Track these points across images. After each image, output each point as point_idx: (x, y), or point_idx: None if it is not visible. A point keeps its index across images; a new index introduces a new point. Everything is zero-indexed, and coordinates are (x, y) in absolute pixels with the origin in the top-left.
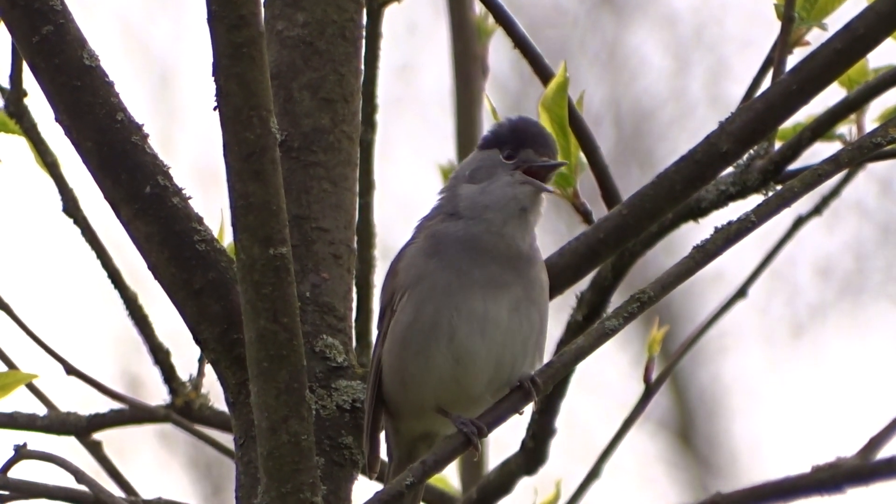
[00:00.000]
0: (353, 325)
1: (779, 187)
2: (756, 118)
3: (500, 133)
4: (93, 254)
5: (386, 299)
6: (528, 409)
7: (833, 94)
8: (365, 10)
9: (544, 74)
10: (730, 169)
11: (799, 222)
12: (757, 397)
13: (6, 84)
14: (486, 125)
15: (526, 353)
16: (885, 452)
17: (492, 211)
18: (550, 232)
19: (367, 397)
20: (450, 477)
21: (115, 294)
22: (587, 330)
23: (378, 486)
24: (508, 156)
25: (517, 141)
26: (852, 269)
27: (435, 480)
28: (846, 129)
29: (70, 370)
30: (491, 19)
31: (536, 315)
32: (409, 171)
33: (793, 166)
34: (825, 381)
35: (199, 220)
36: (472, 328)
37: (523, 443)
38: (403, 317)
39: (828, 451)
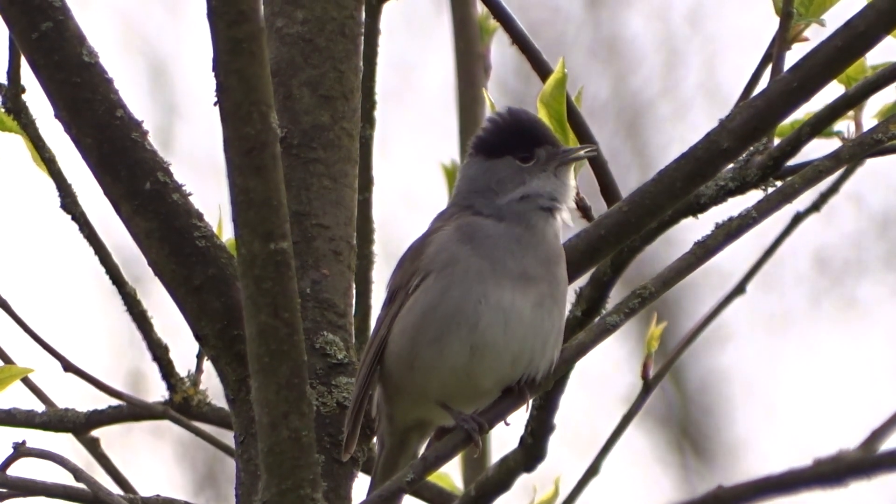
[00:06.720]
0: (353, 321)
1: (778, 183)
2: (756, 115)
3: (501, 137)
4: (91, 250)
5: (401, 282)
6: (518, 412)
7: (829, 93)
8: (364, 7)
9: (543, 71)
10: (729, 165)
11: (797, 219)
12: (755, 389)
13: (4, 80)
14: None
15: (545, 351)
16: (887, 445)
17: (530, 211)
18: None
19: (359, 377)
20: (452, 475)
21: (114, 290)
22: (588, 326)
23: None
24: (524, 158)
25: (523, 141)
26: (851, 258)
27: (436, 478)
28: (844, 126)
29: (68, 367)
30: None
31: (557, 313)
32: (409, 168)
33: (791, 162)
34: (825, 372)
35: (200, 216)
36: (497, 319)
37: (522, 439)
38: (424, 298)
39: (829, 443)
